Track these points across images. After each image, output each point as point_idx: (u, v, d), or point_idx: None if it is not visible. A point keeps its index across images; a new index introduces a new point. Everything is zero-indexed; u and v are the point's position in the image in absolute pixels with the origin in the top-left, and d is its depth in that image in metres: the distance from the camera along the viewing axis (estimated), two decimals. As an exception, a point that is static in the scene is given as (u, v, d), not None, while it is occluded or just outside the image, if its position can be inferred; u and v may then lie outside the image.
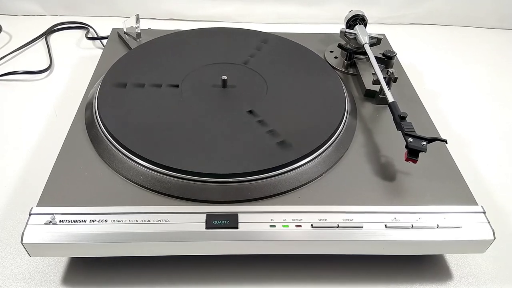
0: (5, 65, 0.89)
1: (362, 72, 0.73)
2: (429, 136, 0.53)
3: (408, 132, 0.53)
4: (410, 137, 0.53)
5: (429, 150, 0.59)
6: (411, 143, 0.52)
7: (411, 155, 0.52)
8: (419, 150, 0.51)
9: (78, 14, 1.08)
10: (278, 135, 0.57)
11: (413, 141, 0.52)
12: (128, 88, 0.64)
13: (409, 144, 0.52)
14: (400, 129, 0.55)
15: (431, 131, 0.63)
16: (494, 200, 0.65)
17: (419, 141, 0.52)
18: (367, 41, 0.72)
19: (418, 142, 0.52)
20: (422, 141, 0.52)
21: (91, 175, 0.53)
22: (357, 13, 0.79)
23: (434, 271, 0.55)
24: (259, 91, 0.65)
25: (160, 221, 0.48)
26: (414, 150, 0.52)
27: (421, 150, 0.51)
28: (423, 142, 0.52)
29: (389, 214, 0.50)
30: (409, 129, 0.54)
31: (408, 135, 0.53)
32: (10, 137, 0.72)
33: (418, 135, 0.53)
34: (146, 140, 0.55)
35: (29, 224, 0.47)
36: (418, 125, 0.63)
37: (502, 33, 1.14)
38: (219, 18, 1.12)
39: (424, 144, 0.52)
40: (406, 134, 0.53)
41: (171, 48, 0.74)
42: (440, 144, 0.60)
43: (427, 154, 0.58)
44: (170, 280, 0.52)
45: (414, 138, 0.52)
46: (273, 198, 0.51)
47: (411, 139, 0.52)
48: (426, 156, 0.58)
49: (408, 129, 0.54)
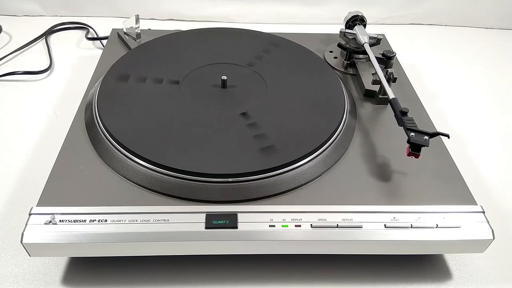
0: (5, 65, 0.90)
1: (362, 72, 0.73)
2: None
3: (410, 127, 0.53)
4: (412, 132, 0.52)
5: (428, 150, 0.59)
6: (413, 138, 0.51)
7: (414, 150, 0.52)
8: (421, 145, 0.51)
9: (78, 14, 1.08)
10: (278, 135, 0.57)
11: (415, 135, 0.52)
12: (128, 88, 0.64)
13: (411, 139, 0.51)
14: (401, 124, 0.54)
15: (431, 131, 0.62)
16: (494, 200, 0.65)
17: (421, 135, 0.52)
18: (366, 41, 0.72)
19: (420, 137, 0.52)
20: (424, 136, 0.52)
21: (91, 175, 0.53)
22: (356, 14, 0.79)
23: (434, 271, 0.55)
24: (258, 91, 0.65)
25: (159, 221, 0.48)
26: (416, 145, 0.51)
27: (423, 144, 0.51)
28: (425, 136, 0.51)
29: (389, 214, 0.50)
30: (411, 124, 0.53)
31: (410, 130, 0.52)
32: (10, 137, 0.72)
33: (420, 130, 0.52)
34: (146, 140, 0.55)
35: (29, 224, 0.47)
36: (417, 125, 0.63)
37: (502, 33, 1.14)
38: (219, 18, 1.12)
39: (426, 139, 0.51)
40: (408, 129, 0.53)
41: (171, 48, 0.74)
42: (439, 144, 0.61)
43: (427, 154, 0.58)
44: (170, 280, 0.53)
45: (416, 133, 0.52)
46: (273, 198, 0.51)
47: (413, 133, 0.52)
48: (426, 156, 0.58)
49: (410, 124, 0.53)
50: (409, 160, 0.57)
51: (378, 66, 0.65)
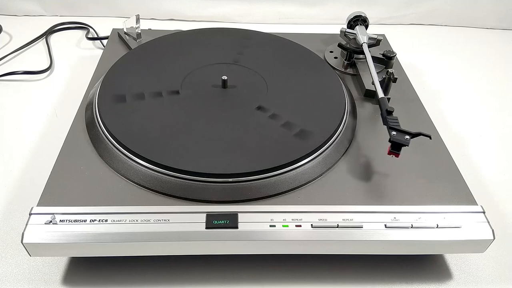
0: (5, 65, 0.90)
1: (362, 72, 0.73)
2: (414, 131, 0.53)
3: (393, 125, 0.54)
4: (394, 131, 0.53)
5: (428, 150, 0.59)
6: (394, 136, 0.52)
7: (394, 148, 0.52)
8: (402, 144, 0.52)
9: (78, 14, 1.09)
10: (278, 135, 0.57)
11: (396, 134, 0.52)
12: (128, 88, 0.64)
13: (392, 137, 0.52)
14: (385, 123, 0.55)
15: (431, 131, 0.62)
16: (494, 200, 0.65)
17: (403, 135, 0.52)
18: (365, 41, 0.72)
19: (402, 136, 0.52)
20: (405, 135, 0.52)
21: (91, 175, 0.53)
22: (359, 14, 0.79)
23: (434, 271, 0.55)
24: (259, 91, 0.65)
25: (160, 221, 0.48)
26: (397, 144, 0.52)
27: (403, 144, 0.51)
28: (407, 136, 0.52)
29: (389, 214, 0.50)
30: (393, 123, 0.54)
31: (393, 129, 0.53)
32: (10, 137, 0.72)
33: (403, 130, 0.53)
34: (146, 140, 0.55)
35: (29, 224, 0.47)
36: (417, 125, 0.64)
37: (502, 33, 1.14)
38: (219, 18, 1.12)
39: (407, 138, 0.52)
40: (391, 127, 0.53)
41: (171, 48, 0.74)
42: (440, 144, 0.61)
43: (427, 154, 0.58)
44: (170, 280, 0.53)
45: (398, 132, 0.53)
46: (273, 198, 0.51)
47: (394, 132, 0.53)
48: (426, 156, 0.58)
49: (393, 123, 0.54)
50: (409, 160, 0.57)
51: (373, 67, 0.65)
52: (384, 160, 0.57)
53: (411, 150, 0.59)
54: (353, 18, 0.79)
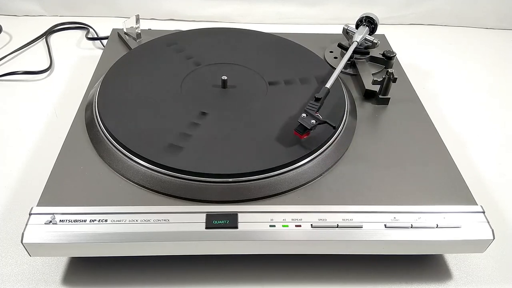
0: (5, 65, 0.90)
1: (362, 72, 0.73)
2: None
3: (308, 109, 0.56)
4: (305, 114, 0.56)
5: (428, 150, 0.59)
6: (301, 118, 0.55)
7: (297, 128, 0.55)
8: (305, 126, 0.54)
9: (78, 14, 1.08)
10: (278, 135, 0.57)
11: (305, 117, 0.55)
12: (128, 88, 0.64)
13: (299, 118, 0.55)
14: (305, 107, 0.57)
15: (431, 131, 0.63)
16: (494, 200, 0.65)
17: (310, 119, 0.55)
18: (357, 40, 0.72)
19: (308, 120, 0.55)
20: (312, 120, 0.55)
21: (91, 175, 0.53)
22: (368, 15, 0.78)
23: (434, 271, 0.55)
24: (259, 91, 0.65)
25: (160, 221, 0.48)
26: (301, 126, 0.54)
27: (306, 126, 0.54)
28: (313, 120, 0.55)
29: (389, 214, 0.50)
30: (310, 108, 0.56)
31: (306, 112, 0.56)
32: (10, 137, 0.72)
33: (314, 115, 0.55)
34: (146, 140, 0.55)
35: (29, 224, 0.47)
36: (417, 124, 0.63)
37: (502, 33, 1.14)
38: (219, 18, 1.12)
39: (312, 122, 0.54)
40: (305, 111, 0.56)
41: (171, 48, 0.74)
42: (440, 144, 0.60)
43: (427, 154, 0.58)
44: (170, 280, 0.53)
45: (309, 115, 0.55)
46: (273, 198, 0.51)
47: (304, 115, 0.56)
48: (426, 156, 0.58)
49: (310, 108, 0.56)
50: (409, 160, 0.57)
51: (343, 65, 0.66)
52: (384, 160, 0.57)
53: (411, 150, 0.59)
54: (364, 18, 0.78)
